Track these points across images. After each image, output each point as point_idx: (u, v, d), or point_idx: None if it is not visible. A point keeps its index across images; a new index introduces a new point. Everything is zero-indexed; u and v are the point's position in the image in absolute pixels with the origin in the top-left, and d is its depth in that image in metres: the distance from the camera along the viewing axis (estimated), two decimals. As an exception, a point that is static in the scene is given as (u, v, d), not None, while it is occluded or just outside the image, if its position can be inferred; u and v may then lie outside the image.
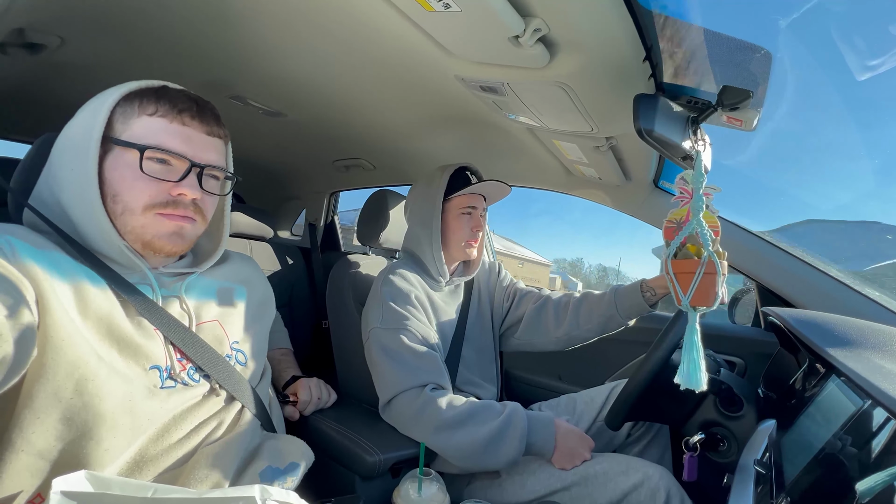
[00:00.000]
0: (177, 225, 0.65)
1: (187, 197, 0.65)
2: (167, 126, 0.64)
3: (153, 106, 0.64)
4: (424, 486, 0.75)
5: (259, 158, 1.87)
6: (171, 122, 0.64)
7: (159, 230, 0.64)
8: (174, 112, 0.64)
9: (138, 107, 0.63)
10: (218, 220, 0.79)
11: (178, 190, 0.64)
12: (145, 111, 0.63)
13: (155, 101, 0.64)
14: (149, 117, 0.63)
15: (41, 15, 0.85)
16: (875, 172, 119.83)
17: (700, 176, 0.72)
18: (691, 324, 0.70)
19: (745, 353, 1.22)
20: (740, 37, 0.70)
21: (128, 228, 0.63)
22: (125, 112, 0.63)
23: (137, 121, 0.63)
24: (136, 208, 0.63)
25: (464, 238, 1.15)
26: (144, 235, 0.64)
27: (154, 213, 0.63)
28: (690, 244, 0.74)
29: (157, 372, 0.62)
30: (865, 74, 0.80)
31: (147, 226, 0.64)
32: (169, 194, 0.64)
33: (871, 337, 0.64)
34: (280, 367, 1.00)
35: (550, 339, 1.19)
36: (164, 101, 0.64)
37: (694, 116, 0.83)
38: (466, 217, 1.16)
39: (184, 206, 0.66)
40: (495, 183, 1.15)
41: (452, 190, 1.15)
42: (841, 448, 0.51)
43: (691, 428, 0.93)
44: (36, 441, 0.51)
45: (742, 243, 1.21)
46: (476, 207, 1.17)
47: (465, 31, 0.71)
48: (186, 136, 0.65)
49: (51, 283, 0.54)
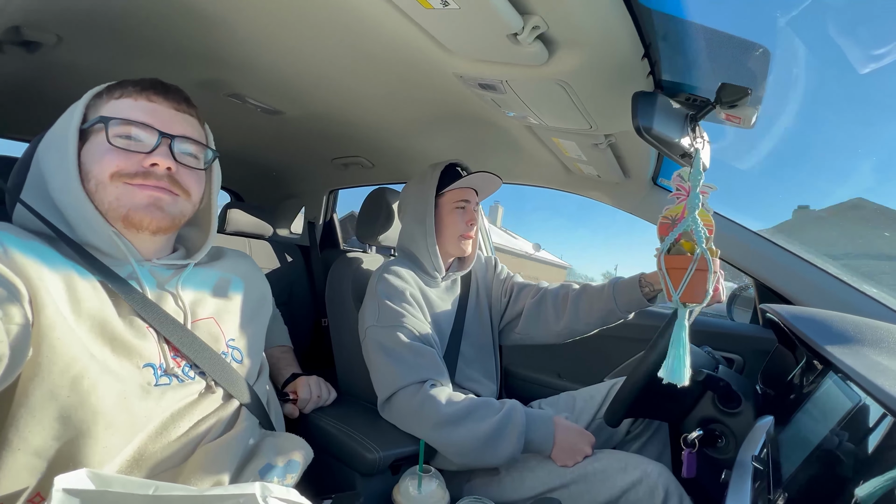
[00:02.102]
0: (151, 195, 0.65)
1: (160, 167, 0.65)
2: (133, 104, 0.66)
3: (119, 90, 0.67)
4: (424, 483, 0.76)
5: (258, 156, 1.86)
6: (136, 100, 0.66)
7: (133, 200, 0.64)
8: (138, 90, 0.67)
9: (106, 95, 0.67)
10: (206, 209, 0.78)
11: (149, 160, 0.64)
12: (112, 96, 0.66)
13: (119, 87, 0.67)
14: (115, 100, 0.66)
15: (38, 13, 0.85)
16: (873, 170, 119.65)
17: (698, 174, 0.72)
18: (680, 319, 0.70)
19: (744, 350, 1.23)
20: (738, 34, 0.70)
21: (104, 206, 0.63)
22: (95, 104, 0.67)
23: (105, 105, 0.66)
24: (103, 178, 0.63)
25: (458, 232, 1.16)
26: (120, 209, 0.63)
27: (122, 182, 0.63)
28: (685, 241, 0.74)
29: (151, 370, 0.62)
30: (868, 67, 0.80)
31: (120, 197, 0.63)
32: (140, 165, 0.64)
33: (869, 333, 0.65)
34: (280, 364, 1.00)
35: (550, 333, 1.19)
36: (128, 85, 0.67)
37: (692, 114, 0.83)
38: (460, 211, 1.17)
39: (156, 177, 0.65)
40: (487, 176, 1.16)
41: (444, 185, 1.16)
42: (838, 444, 0.52)
43: (690, 424, 0.93)
44: (33, 440, 0.51)
45: (740, 240, 1.21)
46: (469, 201, 1.18)
47: (463, 29, 0.70)
48: (152, 110, 0.66)
49: (43, 281, 0.54)
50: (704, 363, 0.92)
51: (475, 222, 1.19)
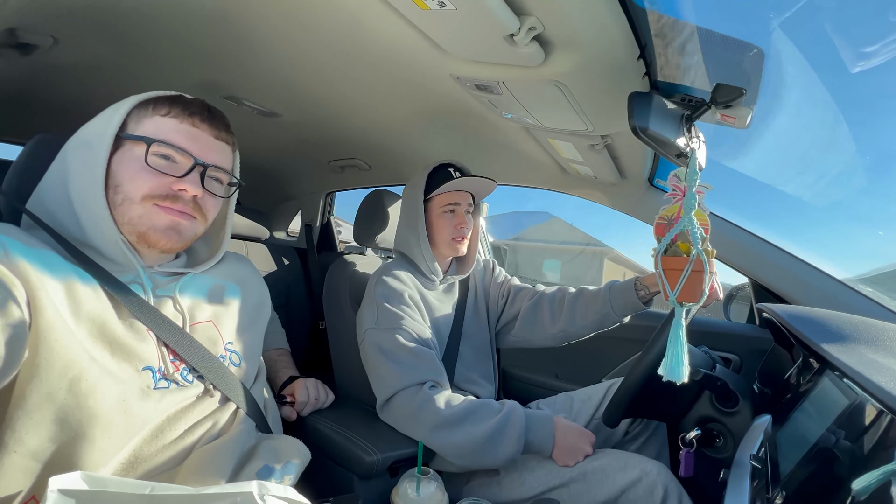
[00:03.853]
0: (173, 220, 0.66)
1: (188, 193, 0.66)
2: (177, 125, 0.67)
3: (166, 108, 0.67)
4: (423, 485, 0.75)
5: (254, 159, 1.86)
6: (181, 123, 0.67)
7: (155, 222, 0.65)
8: (185, 114, 0.67)
9: (152, 108, 0.67)
10: (219, 226, 0.80)
11: (179, 185, 0.65)
12: (158, 112, 0.67)
13: (168, 104, 0.67)
14: (161, 117, 0.66)
15: (34, 15, 0.85)
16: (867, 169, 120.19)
17: (694, 174, 0.73)
18: (677, 319, 0.70)
19: (741, 350, 1.23)
20: (733, 35, 0.70)
21: (125, 219, 0.64)
22: (139, 113, 0.67)
23: (150, 120, 0.66)
24: (135, 197, 0.64)
25: (449, 236, 1.14)
26: (140, 227, 0.65)
27: (152, 203, 0.65)
28: (681, 241, 0.75)
29: (150, 373, 0.62)
30: (859, 66, 0.81)
31: (144, 216, 0.64)
32: (170, 189, 0.65)
33: (864, 332, 0.65)
34: (277, 367, 1.00)
35: (547, 336, 1.19)
36: (177, 104, 0.68)
37: (688, 114, 0.83)
38: (449, 215, 1.15)
39: (183, 202, 0.66)
40: (475, 180, 1.13)
41: (435, 188, 1.14)
42: (835, 442, 0.52)
43: (688, 424, 0.94)
44: (29, 442, 0.51)
45: (737, 240, 1.21)
46: (458, 204, 1.15)
47: (460, 30, 0.71)
48: (194, 136, 0.67)
49: (43, 283, 0.54)
50: (702, 363, 0.92)
51: (465, 225, 1.15)
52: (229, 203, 0.80)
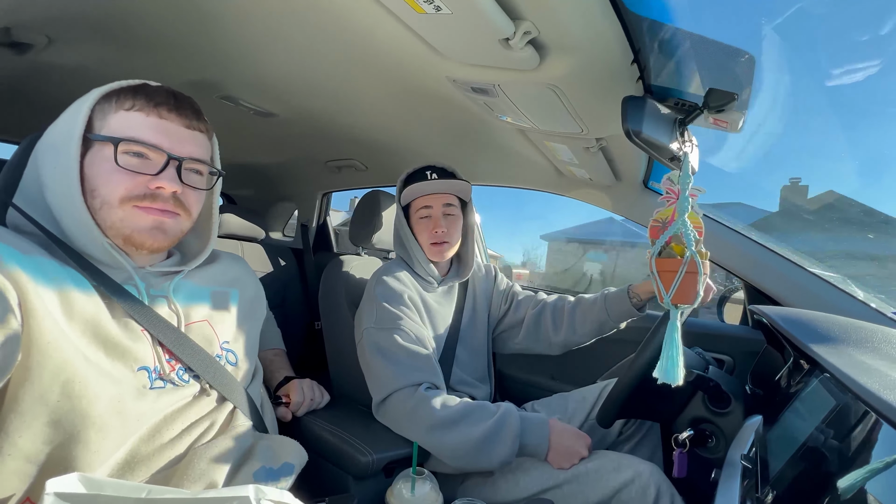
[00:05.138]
0: (156, 219, 0.65)
1: (166, 190, 0.64)
2: (143, 119, 0.63)
3: (130, 101, 0.64)
4: (417, 485, 0.76)
5: (251, 159, 1.86)
6: (147, 116, 0.63)
7: (138, 224, 0.63)
8: (150, 105, 0.64)
9: (115, 103, 0.64)
10: (206, 218, 0.78)
11: (155, 183, 0.63)
12: (122, 106, 0.63)
13: (132, 96, 0.64)
14: (126, 112, 0.63)
15: (28, 14, 0.84)
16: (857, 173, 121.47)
17: (687, 177, 0.73)
18: (672, 321, 0.71)
19: (734, 351, 1.25)
20: (725, 41, 0.71)
21: (107, 224, 0.63)
22: (103, 109, 0.63)
23: (114, 116, 0.63)
24: (112, 201, 0.62)
25: (428, 241, 1.13)
26: (124, 230, 0.63)
27: (131, 205, 0.63)
28: (675, 244, 0.75)
29: (146, 373, 0.61)
30: (839, 80, 0.82)
31: (125, 219, 0.63)
32: (147, 188, 0.63)
33: (854, 334, 0.66)
34: (273, 367, 1.00)
35: (550, 345, 1.21)
36: (140, 96, 0.64)
37: (681, 118, 0.84)
38: (426, 220, 1.13)
39: (163, 199, 0.65)
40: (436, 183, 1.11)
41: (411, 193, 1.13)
42: (823, 441, 0.53)
43: (681, 425, 0.94)
44: (23, 445, 0.51)
45: (730, 242, 1.23)
46: (431, 207, 1.13)
47: (455, 33, 0.71)
48: (163, 129, 0.64)
49: (34, 286, 0.53)
50: (695, 364, 0.93)
51: (440, 228, 1.11)
52: (213, 193, 0.77)
